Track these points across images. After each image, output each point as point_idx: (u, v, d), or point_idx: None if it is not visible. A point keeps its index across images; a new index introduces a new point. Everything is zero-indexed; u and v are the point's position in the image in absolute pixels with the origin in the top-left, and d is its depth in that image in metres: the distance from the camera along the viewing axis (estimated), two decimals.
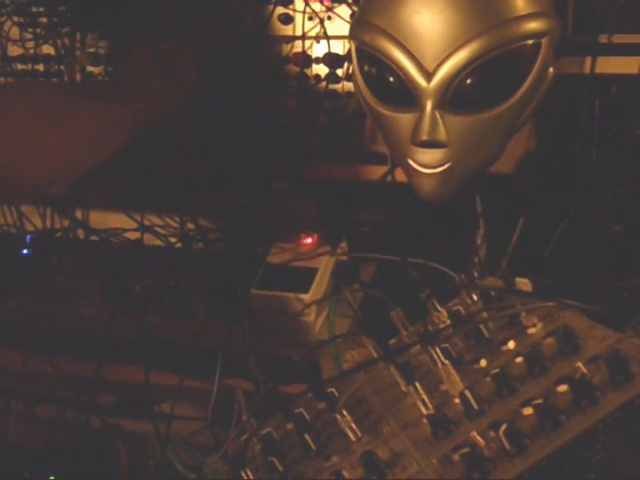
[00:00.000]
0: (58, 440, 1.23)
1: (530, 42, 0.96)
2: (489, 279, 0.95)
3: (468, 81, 0.97)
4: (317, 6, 1.18)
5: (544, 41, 0.97)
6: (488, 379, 0.79)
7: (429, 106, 0.97)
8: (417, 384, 0.81)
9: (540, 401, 0.73)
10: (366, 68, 1.04)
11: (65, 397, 1.19)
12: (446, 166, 0.99)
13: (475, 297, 0.92)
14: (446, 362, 0.81)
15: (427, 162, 1.00)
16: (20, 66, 1.35)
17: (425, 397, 0.80)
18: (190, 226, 1.23)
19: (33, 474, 1.22)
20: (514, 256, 1.05)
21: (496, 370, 0.79)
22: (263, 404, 0.90)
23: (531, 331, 0.84)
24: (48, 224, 1.32)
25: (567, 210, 1.06)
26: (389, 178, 1.14)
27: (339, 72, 1.20)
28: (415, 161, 1.00)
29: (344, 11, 1.17)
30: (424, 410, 0.80)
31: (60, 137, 1.02)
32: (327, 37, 1.18)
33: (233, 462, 0.85)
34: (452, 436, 0.76)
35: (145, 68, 1.14)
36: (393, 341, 0.93)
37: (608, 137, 1.07)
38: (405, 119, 1.00)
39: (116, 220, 1.27)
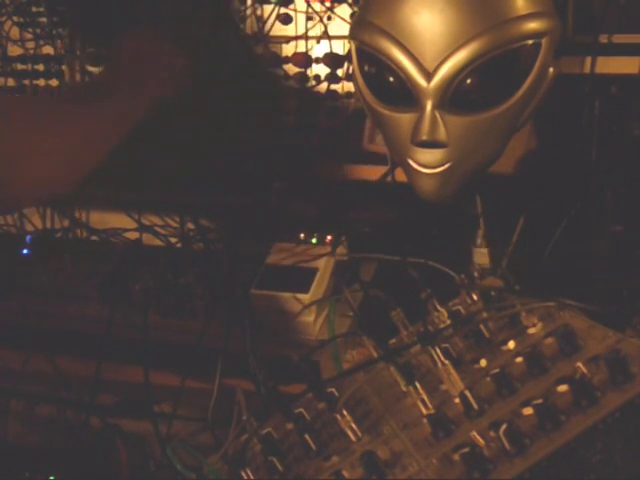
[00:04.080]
0: (58, 440, 1.23)
1: (530, 42, 0.96)
2: (489, 279, 0.95)
3: (468, 81, 0.97)
4: (317, 6, 1.18)
5: (544, 41, 0.97)
6: (488, 379, 0.79)
7: (429, 106, 0.97)
8: (417, 384, 0.81)
9: (540, 401, 0.73)
10: (366, 68, 1.04)
11: (65, 397, 1.19)
12: (446, 166, 0.99)
13: (475, 297, 0.92)
14: (446, 362, 0.81)
15: (427, 162, 1.00)
16: (20, 66, 1.35)
17: (425, 397, 0.80)
18: (190, 226, 1.23)
19: (33, 474, 1.22)
20: (514, 256, 1.05)
21: (496, 370, 0.79)
22: (263, 404, 0.90)
23: (531, 331, 0.83)
24: (48, 224, 1.32)
25: (567, 210, 1.06)
26: (389, 178, 1.14)
27: (339, 72, 1.20)
28: (415, 161, 1.01)
29: (344, 11, 1.17)
30: (424, 410, 0.80)
31: (55, 144, 1.02)
32: (329, 37, 1.18)
33: (233, 462, 0.85)
34: (452, 436, 0.76)
35: (133, 60, 1.14)
36: (393, 341, 0.93)
37: (608, 137, 1.07)
38: (405, 119, 1.00)
39: (116, 220, 1.27)
